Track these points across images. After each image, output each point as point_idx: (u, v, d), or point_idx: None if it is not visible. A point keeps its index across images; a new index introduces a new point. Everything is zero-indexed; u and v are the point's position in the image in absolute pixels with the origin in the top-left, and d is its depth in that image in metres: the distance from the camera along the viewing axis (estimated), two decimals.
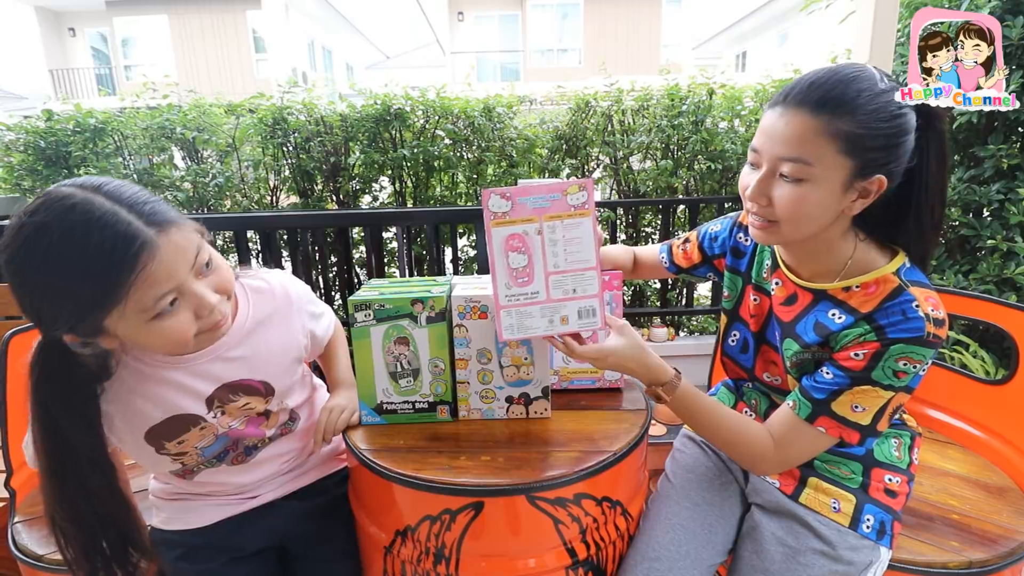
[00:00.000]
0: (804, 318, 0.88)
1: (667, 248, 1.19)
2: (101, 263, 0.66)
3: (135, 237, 0.67)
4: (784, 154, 0.76)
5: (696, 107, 2.73)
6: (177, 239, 0.72)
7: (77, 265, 0.66)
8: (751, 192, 0.81)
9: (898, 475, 0.92)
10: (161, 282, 0.70)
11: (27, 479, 1.22)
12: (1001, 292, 2.17)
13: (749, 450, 0.89)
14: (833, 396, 0.81)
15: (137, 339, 0.75)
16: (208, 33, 12.94)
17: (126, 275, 0.67)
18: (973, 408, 1.29)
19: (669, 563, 0.91)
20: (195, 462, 0.92)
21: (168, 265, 0.70)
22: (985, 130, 2.22)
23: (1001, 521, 1.02)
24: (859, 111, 0.72)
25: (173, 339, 0.75)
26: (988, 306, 1.21)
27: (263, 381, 0.92)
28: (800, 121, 0.74)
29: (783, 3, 11.16)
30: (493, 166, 2.97)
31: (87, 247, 0.66)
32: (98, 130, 2.99)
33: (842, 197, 0.77)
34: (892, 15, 1.97)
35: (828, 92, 0.73)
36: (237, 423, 0.92)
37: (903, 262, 0.82)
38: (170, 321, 0.73)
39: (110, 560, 0.81)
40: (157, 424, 0.84)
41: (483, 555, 0.87)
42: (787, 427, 0.86)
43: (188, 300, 0.74)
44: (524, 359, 1.00)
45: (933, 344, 0.75)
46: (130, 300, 0.69)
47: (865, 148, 0.74)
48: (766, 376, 0.99)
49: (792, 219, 0.79)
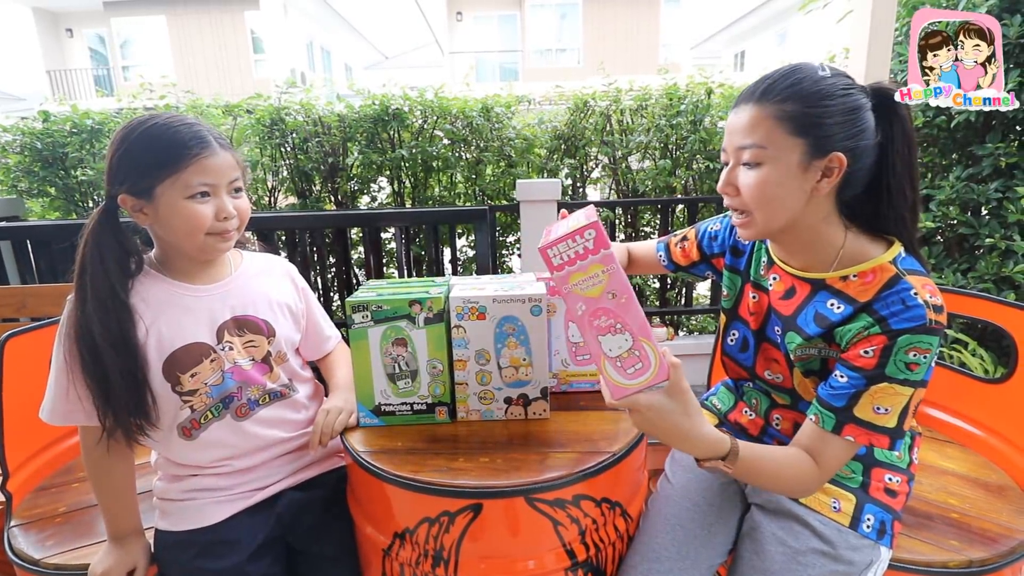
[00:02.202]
0: (804, 310, 0.88)
1: (664, 246, 1.19)
2: (178, 143, 0.91)
3: (205, 139, 0.93)
4: (740, 143, 0.82)
5: (694, 106, 2.73)
6: (229, 158, 0.96)
7: (163, 139, 0.91)
8: (720, 183, 0.87)
9: (898, 475, 0.92)
10: (207, 173, 0.92)
11: (24, 483, 1.22)
12: (1000, 290, 2.17)
13: (804, 483, 0.84)
14: (853, 401, 0.80)
15: (169, 213, 0.92)
16: (206, 34, 12.92)
17: (190, 156, 0.91)
18: (972, 407, 1.29)
19: (669, 564, 0.91)
20: (204, 405, 0.97)
21: (216, 166, 0.93)
22: (983, 129, 2.22)
23: (1001, 520, 1.02)
24: (800, 93, 0.79)
25: (192, 223, 0.92)
26: (987, 304, 1.21)
27: (264, 320, 1.04)
28: (749, 111, 0.82)
29: (781, 2, 11.16)
30: (492, 166, 2.97)
31: (175, 132, 0.92)
32: (95, 131, 2.99)
33: (803, 177, 0.80)
34: (890, 14, 1.97)
35: (772, 83, 0.81)
36: (244, 361, 1.00)
37: (899, 251, 0.83)
38: (197, 206, 0.92)
39: (134, 402, 0.92)
40: (176, 351, 0.95)
41: (482, 557, 0.86)
42: (817, 443, 0.83)
43: (216, 200, 0.94)
44: (523, 360, 0.99)
45: (936, 331, 0.76)
46: (181, 175, 0.90)
47: (812, 126, 0.78)
48: (767, 374, 0.99)
49: (759, 203, 0.82)
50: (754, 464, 0.82)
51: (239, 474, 1.01)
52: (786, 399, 0.98)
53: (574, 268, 0.74)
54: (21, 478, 1.21)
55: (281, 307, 1.08)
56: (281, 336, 1.05)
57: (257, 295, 1.05)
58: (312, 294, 1.18)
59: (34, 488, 1.24)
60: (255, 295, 1.05)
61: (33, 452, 1.27)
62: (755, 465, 0.82)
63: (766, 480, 0.84)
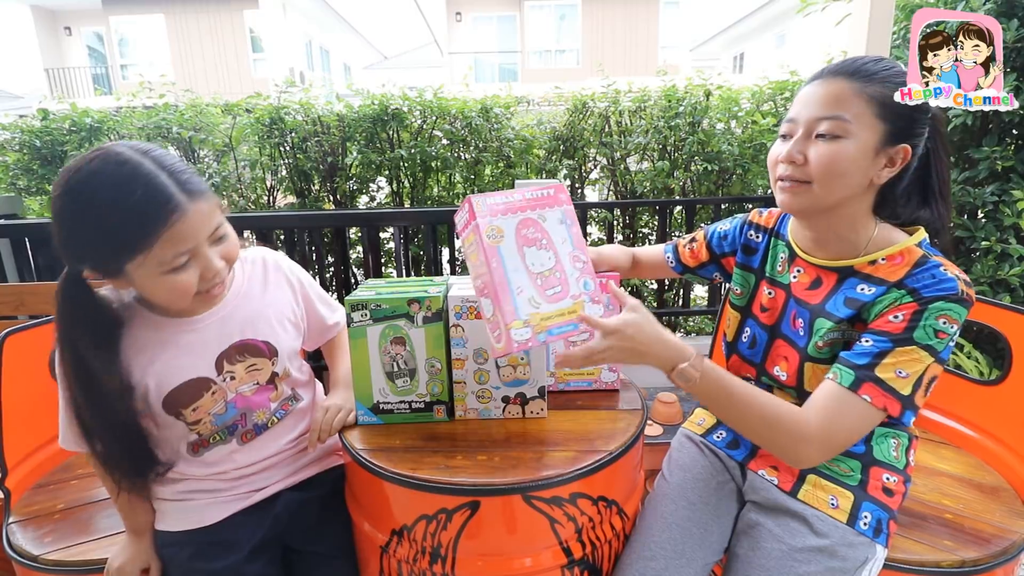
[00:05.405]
0: (833, 296, 0.90)
1: (672, 248, 1.21)
2: (139, 214, 0.77)
3: (169, 200, 0.78)
4: (822, 114, 0.82)
5: (693, 108, 2.74)
6: (203, 208, 0.82)
7: (118, 212, 0.76)
8: (789, 149, 0.85)
9: (895, 475, 0.93)
10: (183, 241, 0.80)
11: (22, 479, 1.22)
12: (995, 293, 2.18)
13: (788, 432, 0.80)
14: (877, 359, 0.79)
15: (146, 287, 0.83)
16: (205, 33, 12.91)
17: (157, 229, 0.77)
18: (967, 408, 1.29)
19: (664, 562, 0.91)
20: (209, 431, 0.96)
21: (192, 228, 0.80)
22: (980, 132, 2.23)
23: (994, 520, 1.03)
24: (888, 80, 0.81)
25: (177, 293, 0.83)
26: (982, 307, 1.22)
27: (265, 341, 0.99)
28: (837, 84, 0.82)
29: (780, 5, 11.20)
30: (490, 167, 2.98)
31: (130, 198, 0.76)
32: (94, 129, 2.98)
33: (873, 161, 0.82)
34: (888, 17, 1.98)
35: (861, 64, 0.83)
36: (246, 388, 0.98)
37: (924, 237, 0.86)
38: (179, 276, 0.82)
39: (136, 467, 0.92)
40: (173, 390, 0.91)
41: (479, 554, 0.87)
42: (830, 400, 0.80)
43: (199, 261, 0.84)
44: (521, 359, 1.00)
45: (967, 302, 0.78)
46: (153, 251, 0.78)
47: (895, 114, 0.80)
48: (775, 370, 0.99)
49: (826, 177, 0.82)
50: (720, 381, 0.83)
51: (237, 478, 1.01)
52: (791, 396, 0.99)
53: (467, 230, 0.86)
54: (20, 475, 1.21)
55: (281, 322, 1.03)
56: (284, 352, 1.02)
57: (256, 315, 0.99)
58: (308, 281, 1.12)
59: (33, 485, 1.24)
60: (254, 316, 0.99)
61: (32, 449, 1.27)
62: (721, 382, 0.83)
63: (735, 410, 0.83)
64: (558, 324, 0.82)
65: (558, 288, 0.84)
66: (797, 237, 0.98)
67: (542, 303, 0.82)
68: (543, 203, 0.87)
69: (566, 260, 0.85)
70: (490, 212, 0.83)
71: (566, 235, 0.86)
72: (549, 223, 0.86)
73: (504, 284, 0.81)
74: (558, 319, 0.82)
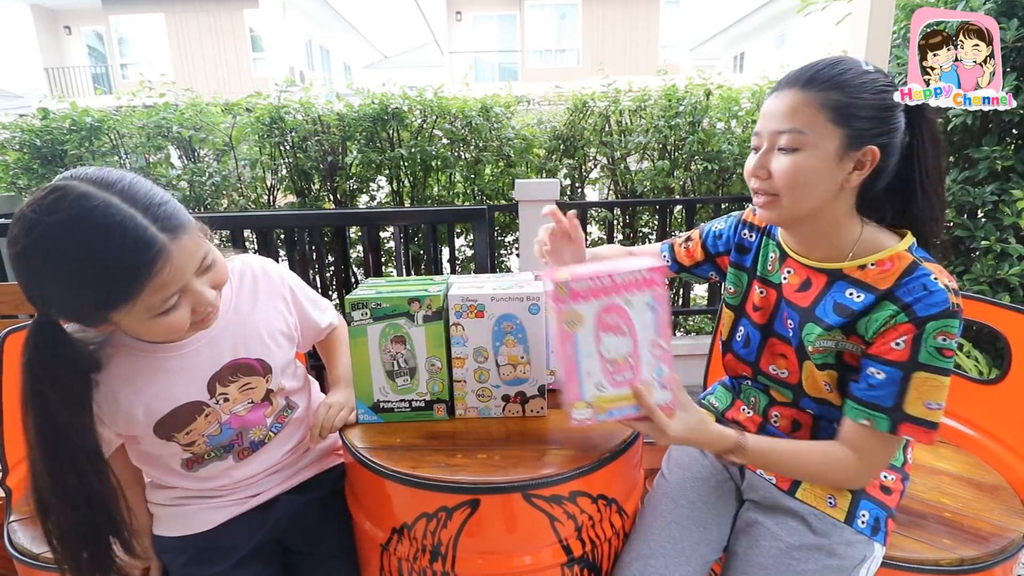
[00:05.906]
0: (822, 300, 0.89)
1: (668, 247, 1.21)
2: (119, 269, 0.69)
3: (151, 245, 0.70)
4: (779, 127, 0.83)
5: (693, 108, 2.74)
6: (187, 244, 0.75)
7: (94, 268, 0.68)
8: (752, 166, 0.87)
9: (893, 473, 0.93)
10: (171, 284, 0.74)
11: (23, 478, 1.22)
12: (995, 293, 2.19)
13: (838, 476, 0.86)
14: (900, 397, 0.80)
15: (136, 330, 0.79)
16: (205, 32, 12.91)
17: (141, 280, 0.70)
18: (966, 407, 1.30)
19: (664, 560, 0.92)
20: (204, 450, 0.94)
21: (179, 270, 0.74)
22: (979, 132, 2.23)
23: (992, 519, 1.03)
24: (845, 85, 0.80)
25: (170, 331, 0.79)
26: (982, 306, 1.22)
27: (258, 359, 0.95)
28: (791, 96, 0.83)
29: (780, 4, 11.18)
30: (491, 166, 2.98)
31: (106, 252, 0.68)
32: (94, 129, 2.99)
33: (837, 167, 0.82)
34: (888, 17, 1.99)
35: (816, 71, 0.82)
36: (241, 408, 0.94)
37: (912, 242, 0.85)
38: (170, 317, 0.76)
39: (97, 555, 0.82)
40: (164, 416, 0.87)
41: (479, 552, 0.87)
42: (874, 443, 0.84)
43: (189, 297, 0.78)
44: (520, 358, 1.00)
45: (958, 314, 0.78)
46: (139, 301, 0.72)
47: (853, 117, 0.80)
48: (772, 369, 1.00)
49: (791, 188, 0.83)
50: (767, 452, 0.87)
51: (233, 488, 0.99)
52: (787, 396, 0.99)
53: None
54: (21, 473, 1.21)
55: (274, 336, 0.98)
56: (277, 368, 0.97)
57: (247, 333, 0.94)
58: (298, 285, 1.06)
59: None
60: (245, 333, 0.94)
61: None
62: (769, 454, 0.87)
63: (790, 471, 0.89)
64: (619, 407, 0.84)
65: (628, 374, 0.83)
66: (786, 238, 0.98)
67: (608, 388, 0.83)
68: (634, 286, 0.81)
69: (644, 347, 0.83)
70: (572, 296, 0.80)
71: (650, 322, 0.82)
72: (635, 308, 0.81)
73: (573, 368, 0.81)
74: (621, 402, 0.84)
